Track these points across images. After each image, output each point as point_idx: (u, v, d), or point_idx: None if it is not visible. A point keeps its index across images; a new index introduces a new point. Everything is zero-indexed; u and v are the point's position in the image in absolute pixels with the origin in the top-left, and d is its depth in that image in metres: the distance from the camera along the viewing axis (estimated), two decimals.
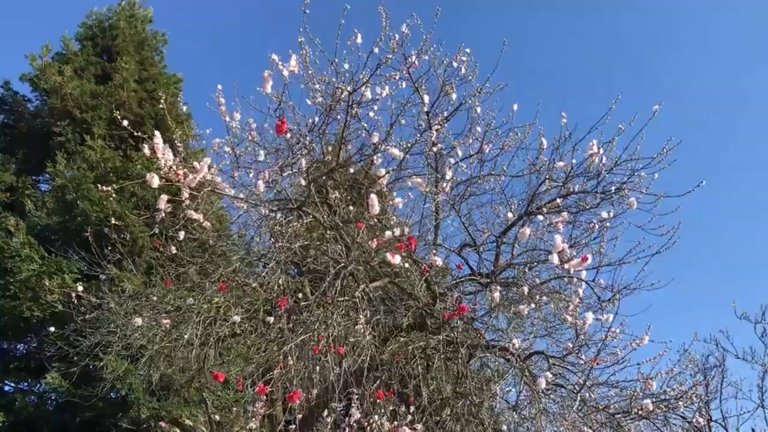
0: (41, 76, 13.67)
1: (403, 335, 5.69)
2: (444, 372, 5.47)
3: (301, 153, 4.96)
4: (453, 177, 5.60)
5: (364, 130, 5.09)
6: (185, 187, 4.48)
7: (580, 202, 5.65)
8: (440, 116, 5.73)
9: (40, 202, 12.46)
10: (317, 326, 4.57)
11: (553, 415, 5.06)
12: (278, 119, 4.23)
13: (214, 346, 6.27)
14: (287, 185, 5.60)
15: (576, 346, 4.86)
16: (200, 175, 4.41)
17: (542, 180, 5.61)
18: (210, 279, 6.05)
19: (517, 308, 5.02)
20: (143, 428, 10.15)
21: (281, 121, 4.20)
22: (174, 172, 4.42)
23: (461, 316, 5.09)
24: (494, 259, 5.82)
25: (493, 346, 5.26)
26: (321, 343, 4.37)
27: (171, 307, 6.31)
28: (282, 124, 4.21)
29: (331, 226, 5.32)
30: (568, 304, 5.25)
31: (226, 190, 5.17)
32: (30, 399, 11.04)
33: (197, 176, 4.41)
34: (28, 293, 10.61)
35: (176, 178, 4.41)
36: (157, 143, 4.31)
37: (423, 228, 6.01)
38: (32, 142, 13.75)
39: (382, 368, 5.47)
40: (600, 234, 5.82)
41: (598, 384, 5.14)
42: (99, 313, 7.20)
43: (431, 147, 5.37)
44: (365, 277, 5.20)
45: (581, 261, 4.56)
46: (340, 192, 5.62)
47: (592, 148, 5.28)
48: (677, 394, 5.13)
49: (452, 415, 5.10)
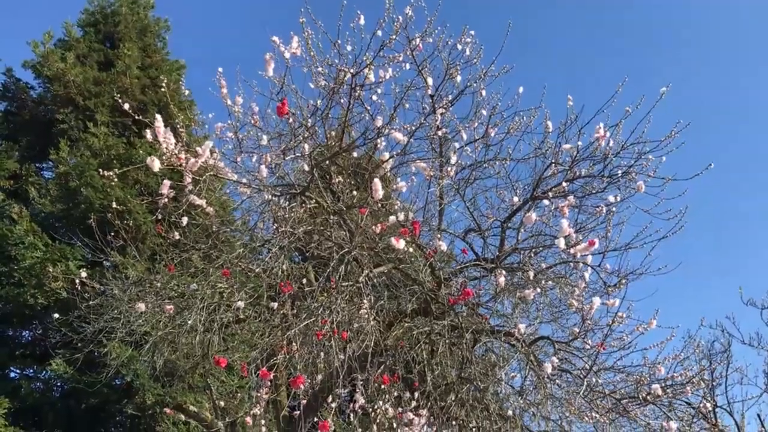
0: (44, 62, 13.62)
1: (408, 321, 5.65)
2: (449, 357, 5.44)
3: (303, 137, 4.89)
4: (458, 161, 5.52)
5: (367, 113, 5.02)
6: (187, 171, 4.44)
7: (586, 186, 5.58)
8: (445, 100, 5.66)
9: (43, 190, 12.45)
10: (321, 311, 4.53)
11: (559, 401, 5.03)
12: (279, 102, 4.17)
13: (218, 332, 6.26)
14: (290, 170, 5.56)
15: (582, 331, 4.81)
16: (202, 159, 4.37)
17: (548, 164, 5.54)
18: (213, 265, 6.02)
19: (523, 293, 4.96)
20: (148, 414, 10.19)
21: (282, 102, 4.14)
22: (176, 156, 4.37)
23: (466, 301, 5.05)
24: (499, 245, 5.76)
25: (497, 331, 5.22)
26: (324, 328, 4.33)
27: (174, 294, 6.29)
28: (283, 106, 4.15)
29: (335, 211, 5.28)
30: (573, 289, 5.20)
31: (229, 175, 5.13)
32: (35, 386, 11.10)
33: (199, 160, 4.36)
34: (32, 280, 10.62)
35: (178, 163, 4.37)
36: (158, 127, 4.26)
37: (427, 213, 5.94)
38: (35, 130, 13.72)
39: (386, 354, 5.44)
40: (606, 219, 5.77)
41: (605, 369, 5.10)
42: (103, 299, 7.19)
43: (435, 131, 5.31)
44: (369, 263, 5.15)
45: (588, 245, 4.51)
46: (344, 177, 5.57)
47: (598, 131, 5.20)
48: (684, 379, 5.08)
49: (457, 400, 5.07)
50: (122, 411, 10.49)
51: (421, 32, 5.28)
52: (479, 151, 5.67)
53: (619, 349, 5.09)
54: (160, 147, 4.27)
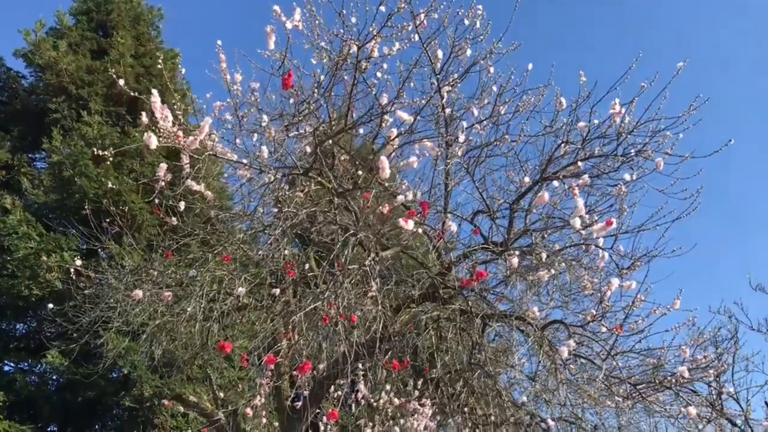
0: (35, 51, 13.36)
1: (415, 306, 5.45)
2: (458, 342, 5.25)
3: (309, 109, 4.69)
4: (466, 140, 5.33)
5: (372, 90, 4.81)
6: (185, 149, 4.23)
7: (598, 166, 5.39)
8: (451, 78, 5.46)
9: (36, 180, 12.23)
10: (327, 295, 4.34)
11: (575, 386, 4.85)
12: (283, 75, 3.97)
13: (218, 320, 6.06)
14: (292, 150, 5.35)
15: (599, 314, 4.63)
16: (201, 136, 4.16)
17: (559, 143, 5.35)
18: (213, 251, 5.82)
19: (536, 275, 4.78)
20: (146, 407, 10.02)
21: (288, 74, 3.94)
22: (174, 134, 4.17)
23: (479, 282, 4.86)
24: (507, 227, 5.57)
25: (509, 316, 5.04)
26: (332, 311, 4.15)
27: (172, 281, 6.09)
28: (288, 78, 3.95)
29: (339, 192, 5.08)
30: (587, 272, 5.02)
31: (228, 155, 4.92)
32: (30, 379, 10.89)
33: (198, 137, 4.16)
34: (26, 272, 10.41)
35: (176, 140, 4.16)
36: (154, 102, 4.05)
37: (433, 196, 5.74)
38: (27, 120, 13.45)
39: (393, 339, 5.26)
40: (618, 200, 5.59)
41: (624, 352, 4.92)
42: (98, 288, 6.98)
43: (442, 108, 5.11)
44: (376, 246, 4.97)
45: (605, 225, 4.33)
46: (348, 157, 5.37)
47: (614, 108, 5.00)
48: (707, 362, 4.92)
49: (467, 386, 4.90)
50: (119, 403, 10.30)
51: (426, 7, 5.08)
52: (488, 130, 5.48)
53: (636, 332, 4.91)
54: (158, 124, 4.06)
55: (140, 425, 10.21)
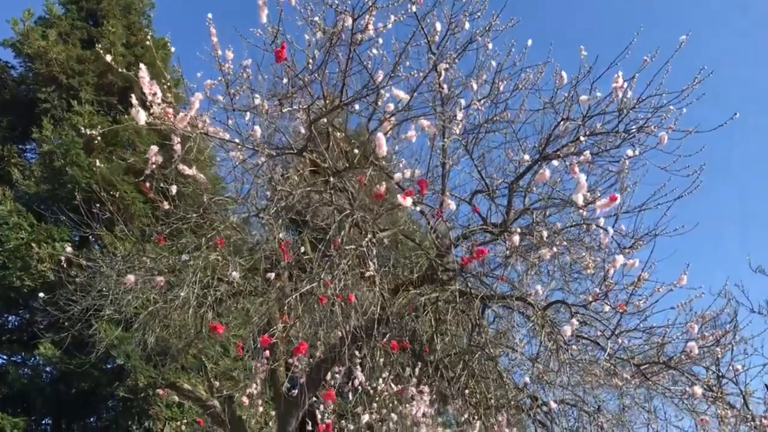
0: (24, 41, 13.16)
1: (413, 288, 5.33)
2: (458, 324, 5.14)
3: (299, 89, 4.55)
4: (464, 117, 5.19)
5: (366, 65, 4.67)
6: (175, 126, 4.10)
7: (599, 143, 5.27)
8: (448, 55, 5.33)
9: (27, 171, 12.06)
10: (324, 275, 4.22)
11: (576, 368, 4.75)
12: (277, 48, 3.84)
13: (212, 306, 5.94)
14: (285, 129, 5.22)
15: (602, 293, 4.53)
16: (192, 112, 4.03)
17: (559, 120, 5.22)
18: (206, 235, 5.69)
19: (537, 254, 4.66)
20: (140, 397, 9.91)
21: (281, 47, 3.81)
22: (163, 111, 4.04)
23: (480, 261, 4.75)
24: (506, 207, 5.45)
25: (509, 296, 4.93)
26: (329, 291, 4.03)
27: (164, 267, 5.96)
28: (281, 50, 3.82)
29: (335, 172, 4.96)
30: (589, 251, 4.92)
31: (220, 135, 4.78)
32: (23, 371, 10.77)
33: (189, 113, 4.03)
34: (17, 263, 10.26)
35: (165, 117, 4.03)
36: (143, 78, 3.92)
37: (431, 176, 5.60)
38: (17, 110, 13.25)
39: (391, 322, 5.15)
40: (620, 179, 5.49)
41: (628, 331, 4.82)
42: (90, 275, 6.84)
43: (439, 86, 4.97)
44: (372, 227, 4.85)
45: (609, 201, 4.22)
46: (343, 136, 5.24)
47: (616, 81, 4.87)
48: (706, 342, 4.82)
49: (468, 369, 4.80)
50: (113, 394, 10.18)
51: None
52: (487, 107, 5.34)
53: (640, 311, 4.80)
54: (147, 103, 3.92)
55: (135, 416, 10.11)
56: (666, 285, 4.78)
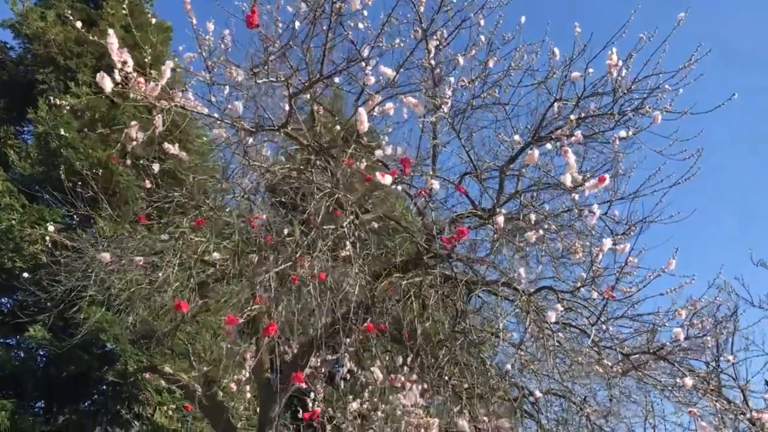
0: (23, 21, 13.03)
1: (396, 271, 5.13)
2: (441, 309, 4.96)
3: (276, 56, 4.37)
4: (453, 92, 4.99)
5: (348, 35, 4.49)
6: (146, 97, 3.93)
7: (593, 125, 5.06)
8: (439, 32, 5.14)
9: (23, 153, 11.94)
10: (299, 253, 4.05)
11: (562, 357, 4.56)
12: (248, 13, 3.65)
13: (194, 289, 5.79)
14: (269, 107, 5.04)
15: (590, 278, 4.34)
16: (163, 81, 3.86)
17: (552, 101, 5.02)
18: (187, 215, 5.54)
19: (523, 237, 4.47)
20: (130, 382, 9.79)
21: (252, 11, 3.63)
22: (134, 80, 3.87)
23: (461, 241, 4.55)
24: (497, 191, 5.26)
25: (495, 282, 4.75)
26: (301, 270, 3.87)
27: (146, 247, 5.82)
28: (252, 15, 3.64)
29: (318, 150, 4.78)
30: (578, 236, 4.73)
31: (198, 108, 4.61)
32: (16, 354, 10.67)
33: (160, 82, 3.86)
34: (9, 244, 10.14)
35: (137, 86, 3.86)
36: (111, 44, 3.74)
37: (420, 157, 5.41)
38: (14, 91, 13.13)
39: (374, 307, 4.97)
40: (613, 164, 5.30)
41: (615, 318, 4.63)
42: (74, 256, 6.72)
43: (428, 62, 4.78)
44: (355, 207, 4.66)
45: (598, 182, 4.03)
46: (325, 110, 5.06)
47: (611, 58, 4.67)
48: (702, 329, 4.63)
49: (450, 355, 4.62)
50: (103, 379, 10.06)
51: None
52: (477, 84, 5.14)
53: (628, 296, 4.60)
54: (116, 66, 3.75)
55: (125, 401, 9.99)
56: (656, 271, 4.58)
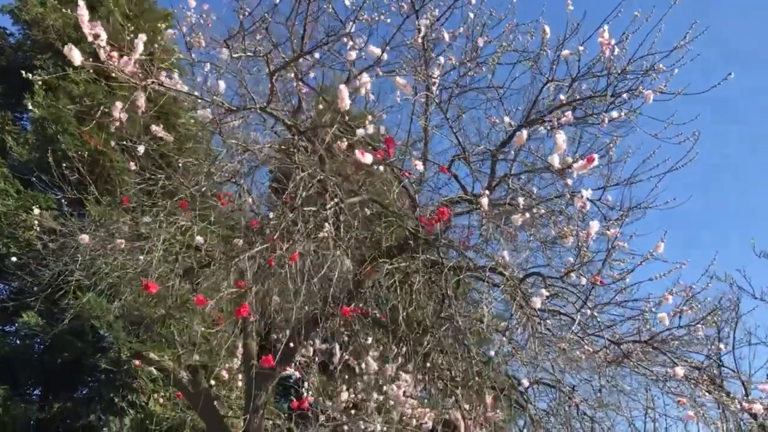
0: (22, 7, 12.96)
1: (382, 257, 4.99)
2: (426, 294, 4.83)
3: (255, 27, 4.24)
4: (441, 73, 4.84)
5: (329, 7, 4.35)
6: (122, 72, 3.82)
7: (586, 107, 4.91)
8: (429, 12, 4.99)
9: (21, 139, 11.87)
10: (276, 235, 3.94)
11: (549, 343, 4.42)
12: None
13: (179, 274, 5.68)
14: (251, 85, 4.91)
15: (578, 263, 4.20)
16: (136, 55, 3.75)
17: (545, 82, 4.86)
18: (172, 198, 5.43)
19: (509, 220, 4.32)
20: (124, 370, 9.72)
21: None
22: (106, 53, 3.75)
23: (444, 224, 4.43)
24: (489, 176, 5.12)
25: (482, 267, 4.61)
26: (278, 252, 3.75)
27: (129, 230, 5.72)
28: None
29: (301, 131, 4.65)
30: (570, 221, 4.59)
31: (178, 86, 4.49)
32: (11, 340, 10.62)
33: (133, 57, 3.75)
34: (4, 230, 10.07)
35: (108, 60, 3.75)
36: (81, 15, 3.63)
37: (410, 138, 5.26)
38: (13, 77, 13.05)
39: (357, 292, 4.85)
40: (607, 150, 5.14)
41: (604, 304, 4.48)
42: (62, 242, 6.64)
43: (418, 40, 4.63)
44: (339, 190, 4.54)
45: (586, 162, 3.90)
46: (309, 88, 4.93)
47: (602, 36, 4.50)
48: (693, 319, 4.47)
49: (434, 341, 4.50)
50: (98, 366, 9.99)
51: None
52: (467, 65, 4.98)
53: (616, 280, 4.44)
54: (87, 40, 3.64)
55: (118, 389, 9.92)
56: (644, 255, 4.42)
